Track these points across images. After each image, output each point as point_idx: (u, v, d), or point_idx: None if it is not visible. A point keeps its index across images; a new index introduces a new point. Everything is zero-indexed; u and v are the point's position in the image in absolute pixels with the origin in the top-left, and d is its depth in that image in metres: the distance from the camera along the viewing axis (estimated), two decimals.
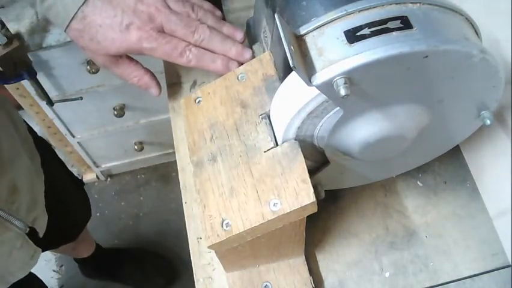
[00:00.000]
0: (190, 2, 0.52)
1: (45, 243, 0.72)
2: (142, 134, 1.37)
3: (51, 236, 0.76)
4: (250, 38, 0.56)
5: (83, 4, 0.47)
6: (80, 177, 1.60)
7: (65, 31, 0.50)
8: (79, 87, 1.09)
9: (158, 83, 0.55)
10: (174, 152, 0.64)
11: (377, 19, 0.36)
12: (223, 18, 0.56)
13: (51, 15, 0.49)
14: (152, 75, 0.55)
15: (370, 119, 0.41)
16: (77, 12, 0.47)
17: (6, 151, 0.63)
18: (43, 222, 0.73)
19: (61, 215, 0.82)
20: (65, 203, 0.94)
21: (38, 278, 0.90)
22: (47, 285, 1.44)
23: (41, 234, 0.72)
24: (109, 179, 1.58)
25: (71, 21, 0.48)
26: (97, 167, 1.50)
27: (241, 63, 0.50)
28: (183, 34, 0.49)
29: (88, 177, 1.57)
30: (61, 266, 1.48)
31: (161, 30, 0.49)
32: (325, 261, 0.58)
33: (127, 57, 0.52)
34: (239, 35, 0.54)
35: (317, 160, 0.48)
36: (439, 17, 0.38)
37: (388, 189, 0.61)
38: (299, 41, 0.38)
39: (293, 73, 0.39)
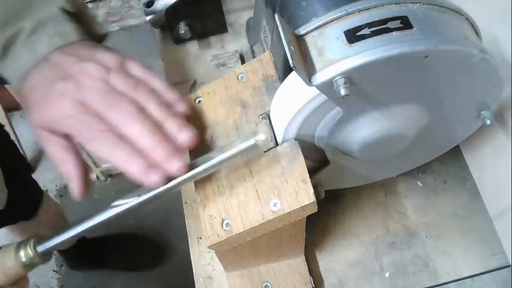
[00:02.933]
0: (137, 79, 0.41)
1: (3, 218, 0.74)
2: None
3: (10, 211, 0.80)
4: (250, 38, 0.56)
5: (33, 66, 0.41)
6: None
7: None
8: None
9: (82, 180, 0.41)
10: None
11: (377, 19, 0.36)
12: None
13: (8, 75, 0.43)
14: (83, 169, 0.42)
15: (370, 119, 0.41)
16: (25, 74, 0.41)
17: None
18: (3, 197, 0.77)
19: (18, 191, 0.86)
20: (22, 180, 0.98)
21: None
22: (47, 285, 1.45)
23: (1, 207, 0.76)
24: (109, 179, 1.58)
25: (19, 83, 0.42)
26: (97, 167, 1.50)
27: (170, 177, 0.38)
28: (102, 109, 0.38)
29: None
30: (61, 266, 1.48)
31: (85, 103, 0.39)
32: (325, 261, 0.58)
33: (65, 136, 0.40)
34: (183, 136, 0.39)
35: (317, 160, 0.48)
36: (439, 17, 0.38)
37: (388, 190, 0.61)
38: (299, 41, 0.38)
39: (293, 73, 0.39)
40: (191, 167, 0.39)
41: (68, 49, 0.42)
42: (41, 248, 0.39)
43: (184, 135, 0.39)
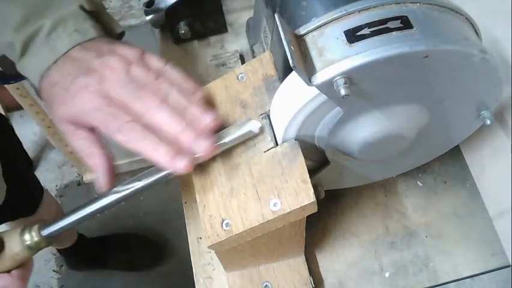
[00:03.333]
0: (157, 71, 0.42)
1: (3, 214, 0.73)
2: None
3: (9, 207, 0.80)
4: (250, 38, 0.56)
5: (53, 63, 0.42)
6: (79, 177, 1.60)
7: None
8: None
9: (109, 173, 0.42)
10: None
11: (377, 19, 0.36)
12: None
13: (28, 73, 0.44)
14: (109, 162, 0.43)
15: (370, 119, 0.41)
16: (45, 71, 0.42)
17: None
18: (2, 192, 0.76)
19: (18, 187, 0.85)
20: (22, 177, 0.97)
21: None
22: (47, 285, 1.45)
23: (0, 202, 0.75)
24: None
25: (40, 80, 0.43)
26: None
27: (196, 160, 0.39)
28: (127, 99, 0.39)
29: (88, 177, 1.57)
30: (61, 266, 1.48)
31: (108, 96, 0.40)
32: (325, 261, 0.58)
33: (89, 130, 0.42)
34: (208, 118, 0.40)
35: (317, 160, 0.48)
36: (439, 17, 0.38)
37: (388, 190, 0.61)
38: (299, 41, 0.38)
39: (293, 73, 0.39)
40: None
41: (87, 45, 0.42)
42: (45, 232, 0.40)
43: (208, 118, 0.40)
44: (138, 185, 0.41)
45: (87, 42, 0.42)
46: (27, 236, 0.40)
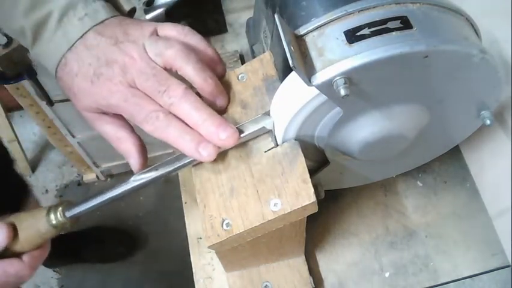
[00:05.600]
0: (176, 41, 0.42)
1: None
2: (142, 134, 1.37)
3: None
4: (250, 38, 0.56)
5: (67, 51, 0.42)
6: (79, 177, 1.60)
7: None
8: None
9: (141, 154, 0.44)
10: (174, 152, 0.64)
11: (377, 19, 0.36)
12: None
13: (43, 60, 0.44)
14: (140, 143, 0.44)
15: (370, 119, 0.41)
16: (61, 59, 0.42)
17: None
18: None
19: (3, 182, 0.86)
20: (6, 171, 0.98)
21: None
22: (47, 285, 1.45)
23: None
24: (109, 179, 1.58)
25: (57, 68, 0.43)
26: (97, 167, 1.50)
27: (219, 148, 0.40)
28: (151, 92, 0.40)
29: (88, 177, 1.57)
30: (61, 266, 1.48)
31: (133, 85, 0.40)
32: (325, 261, 0.58)
33: (115, 114, 0.43)
34: (221, 100, 0.43)
35: (317, 160, 0.48)
36: (439, 17, 0.38)
37: (388, 189, 0.61)
38: (299, 41, 0.38)
39: (293, 73, 0.39)
40: None
41: (100, 29, 0.42)
42: (69, 214, 0.41)
43: (222, 100, 0.43)
44: (157, 173, 0.42)
45: (99, 26, 0.42)
46: (52, 216, 0.41)
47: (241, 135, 0.41)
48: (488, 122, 0.45)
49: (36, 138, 1.65)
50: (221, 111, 0.44)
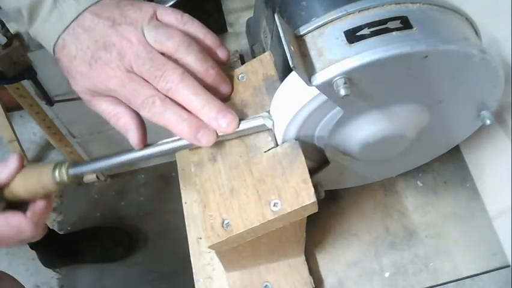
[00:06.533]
0: (171, 30, 0.41)
1: None
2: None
3: None
4: (250, 38, 0.56)
5: (63, 31, 0.42)
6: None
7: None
8: None
9: (140, 128, 0.42)
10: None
11: (377, 19, 0.36)
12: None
13: (41, 39, 0.44)
14: (138, 118, 0.43)
15: (370, 119, 0.41)
16: (58, 39, 0.42)
17: None
18: None
19: None
20: None
21: None
22: (47, 285, 1.45)
23: None
24: (109, 179, 1.58)
25: (54, 49, 0.43)
26: None
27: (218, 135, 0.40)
28: (148, 77, 0.40)
29: (88, 177, 1.57)
30: (61, 266, 1.48)
31: (130, 70, 0.40)
32: (325, 261, 0.58)
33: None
34: (224, 88, 0.43)
35: (317, 160, 0.48)
36: (439, 17, 0.38)
37: (388, 189, 0.61)
38: (299, 41, 0.38)
39: (293, 73, 0.39)
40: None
41: (97, 10, 0.42)
42: (72, 171, 0.43)
43: (225, 88, 0.43)
44: (165, 147, 0.42)
45: (95, 6, 0.42)
46: (57, 172, 0.42)
47: (241, 128, 0.41)
48: (488, 122, 0.45)
49: (36, 138, 1.65)
50: (225, 100, 0.44)
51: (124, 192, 1.56)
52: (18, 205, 0.44)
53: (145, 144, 0.42)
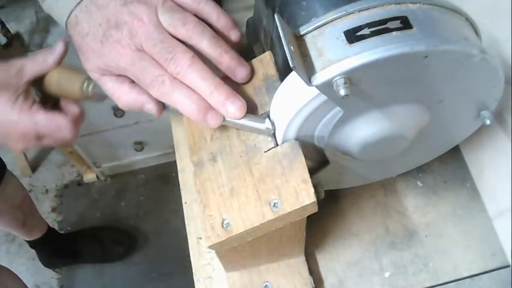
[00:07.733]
0: (191, 16, 0.42)
1: None
2: (142, 134, 1.38)
3: None
4: (250, 38, 0.56)
5: (75, 7, 0.42)
6: (79, 177, 1.60)
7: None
8: None
9: (157, 102, 0.43)
10: (174, 152, 0.64)
11: (377, 19, 0.36)
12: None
13: (54, 15, 0.45)
14: (147, 92, 0.42)
15: (370, 119, 0.41)
16: (70, 15, 0.43)
17: None
18: None
19: None
20: None
21: None
22: (47, 285, 1.45)
23: None
24: (109, 179, 1.58)
25: (66, 25, 0.43)
26: (97, 167, 1.51)
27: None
28: (159, 58, 0.40)
29: (88, 177, 1.57)
30: (61, 266, 1.48)
31: (140, 49, 0.40)
32: (325, 261, 0.58)
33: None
34: (240, 72, 0.43)
35: (317, 160, 0.48)
36: (439, 17, 0.38)
37: (388, 189, 0.61)
38: (299, 41, 0.38)
39: (293, 73, 0.39)
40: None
41: None
42: (98, 89, 0.45)
43: (242, 72, 0.43)
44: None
45: None
46: (85, 83, 0.45)
47: (244, 122, 0.41)
48: (488, 122, 0.45)
49: None
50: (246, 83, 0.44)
51: (124, 192, 1.56)
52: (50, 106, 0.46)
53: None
